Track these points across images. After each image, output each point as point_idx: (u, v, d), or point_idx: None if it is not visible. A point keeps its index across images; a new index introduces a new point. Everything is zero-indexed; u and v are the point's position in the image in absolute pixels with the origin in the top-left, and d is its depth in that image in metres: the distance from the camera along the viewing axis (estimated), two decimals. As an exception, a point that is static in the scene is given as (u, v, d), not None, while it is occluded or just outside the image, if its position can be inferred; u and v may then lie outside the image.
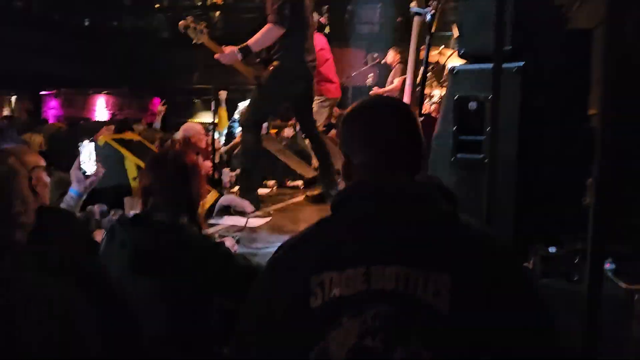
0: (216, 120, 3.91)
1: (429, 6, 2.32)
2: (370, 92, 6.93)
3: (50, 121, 14.28)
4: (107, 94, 14.78)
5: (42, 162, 2.12)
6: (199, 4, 10.05)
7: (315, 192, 4.08)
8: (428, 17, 2.29)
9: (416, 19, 2.35)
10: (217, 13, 10.01)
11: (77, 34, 9.65)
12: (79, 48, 9.56)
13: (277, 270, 1.12)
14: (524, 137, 2.29)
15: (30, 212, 1.45)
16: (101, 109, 15.29)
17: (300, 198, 4.19)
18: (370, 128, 1.17)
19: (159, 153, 1.91)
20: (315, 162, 5.72)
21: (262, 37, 3.51)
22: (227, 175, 4.72)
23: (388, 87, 6.69)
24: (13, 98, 14.23)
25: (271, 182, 4.71)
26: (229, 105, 7.13)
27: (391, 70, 6.81)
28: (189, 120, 13.09)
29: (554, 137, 2.60)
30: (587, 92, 3.01)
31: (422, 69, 2.55)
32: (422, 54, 2.79)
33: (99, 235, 2.31)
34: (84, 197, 2.33)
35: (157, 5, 10.47)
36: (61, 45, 9.29)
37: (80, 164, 2.28)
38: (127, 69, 10.35)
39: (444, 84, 4.54)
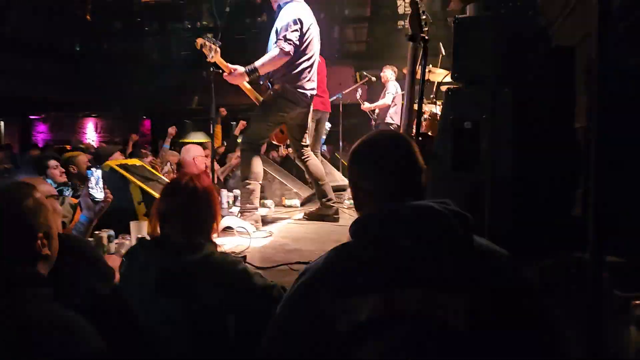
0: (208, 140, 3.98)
1: (423, 32, 2.42)
2: (362, 108, 7.07)
3: (40, 145, 14.31)
4: (96, 116, 14.83)
5: (54, 191, 2.19)
6: (189, 26, 10.17)
7: (313, 210, 4.15)
8: (422, 42, 2.40)
9: (411, 44, 2.46)
10: (209, 35, 10.12)
11: (67, 58, 9.68)
12: (69, 72, 9.59)
13: (303, 295, 1.18)
14: (518, 152, 2.40)
15: (54, 244, 1.49)
16: (91, 132, 15.34)
17: (298, 216, 4.26)
18: (378, 160, 1.27)
19: (174, 180, 1.97)
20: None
21: (269, 61, 3.60)
22: (226, 196, 4.78)
23: (379, 103, 6.83)
24: (1, 123, 14.20)
25: (269, 202, 4.77)
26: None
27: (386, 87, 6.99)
28: (180, 140, 13.19)
29: (545, 151, 2.71)
30: (573, 106, 3.15)
31: (418, 89, 2.65)
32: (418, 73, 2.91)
33: (109, 260, 2.36)
34: (94, 223, 2.40)
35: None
36: (51, 69, 9.31)
37: (89, 191, 2.34)
38: (117, 92, 10.40)
39: (437, 102, 4.66)
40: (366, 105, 6.95)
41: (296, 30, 3.57)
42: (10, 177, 3.35)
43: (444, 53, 5.17)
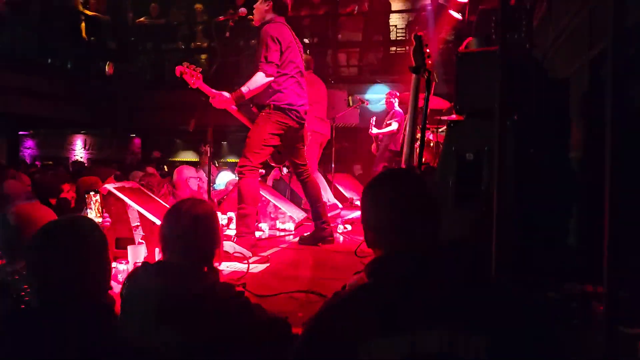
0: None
1: (426, 64, 2.46)
2: (370, 133, 7.11)
3: (27, 161, 14.16)
4: (85, 133, 14.73)
5: (55, 217, 2.15)
6: (183, 47, 10.21)
7: (308, 235, 4.14)
8: (425, 74, 2.44)
9: (414, 75, 2.49)
10: (203, 56, 10.18)
11: (58, 75, 9.65)
12: (60, 89, 9.55)
13: (322, 336, 1.17)
14: (520, 183, 2.42)
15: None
16: (79, 148, 15.21)
17: (294, 241, 4.24)
18: (393, 199, 1.28)
19: (175, 205, 1.96)
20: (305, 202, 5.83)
21: (253, 83, 3.62)
22: (220, 218, 4.75)
23: (386, 130, 6.89)
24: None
25: (263, 225, 4.75)
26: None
27: (387, 113, 7.07)
28: (170, 159, 13.14)
29: (544, 181, 2.75)
30: (568, 136, 3.21)
31: (420, 118, 2.68)
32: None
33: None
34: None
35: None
36: (42, 86, 9.27)
37: (87, 215, 2.31)
38: (108, 110, 10.36)
39: (431, 129, 4.72)
40: (374, 131, 7.01)
41: (276, 50, 3.60)
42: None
43: (436, 80, 5.25)
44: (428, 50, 2.48)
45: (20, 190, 3.84)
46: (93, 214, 2.23)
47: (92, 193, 2.27)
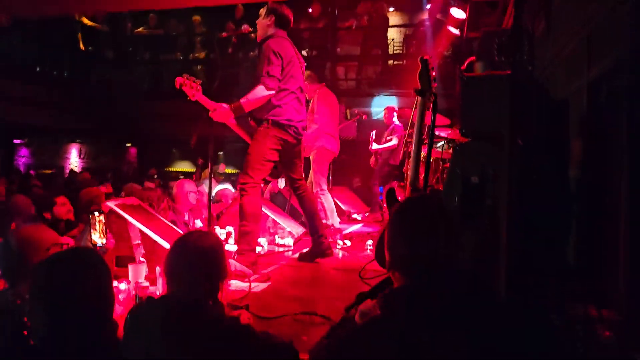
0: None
1: (432, 87, 2.47)
2: (371, 149, 7.10)
3: (21, 169, 14.08)
4: (80, 142, 14.66)
5: (59, 239, 2.14)
6: (181, 58, 10.22)
7: (306, 251, 4.13)
8: (432, 97, 2.45)
9: (419, 98, 2.50)
10: (199, 67, 10.19)
11: (56, 84, 9.63)
12: (57, 98, 9.53)
13: None
14: (525, 204, 2.43)
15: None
16: (74, 157, 15.13)
17: (293, 257, 4.23)
18: (418, 227, 1.30)
19: (181, 237, 1.91)
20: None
21: (253, 96, 3.62)
22: (219, 233, 4.73)
23: (387, 145, 6.90)
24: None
25: (261, 241, 4.73)
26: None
27: (387, 127, 7.09)
28: (166, 169, 13.10)
29: (547, 201, 2.76)
30: (568, 156, 3.24)
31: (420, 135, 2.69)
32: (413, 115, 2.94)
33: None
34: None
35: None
36: (39, 95, 9.24)
37: (91, 236, 2.29)
38: (105, 119, 10.34)
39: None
40: (375, 147, 7.02)
41: (277, 65, 3.61)
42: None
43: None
44: (434, 74, 2.49)
45: (25, 207, 3.83)
46: (97, 234, 2.21)
47: (96, 213, 2.25)
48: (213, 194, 5.73)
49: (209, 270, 1.80)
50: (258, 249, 4.54)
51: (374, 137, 7.02)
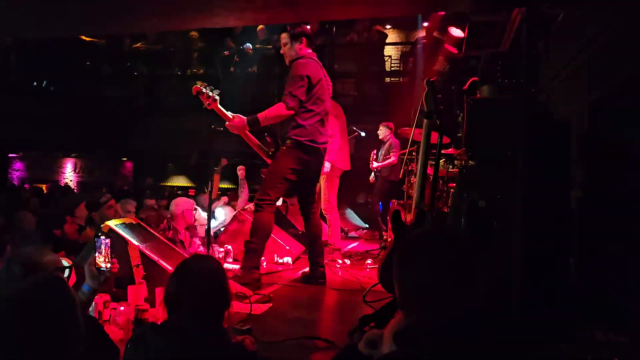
0: (209, 188, 3.92)
1: (438, 110, 2.47)
2: (372, 167, 7.05)
3: (15, 183, 13.97)
4: (76, 156, 14.58)
5: (61, 263, 2.09)
6: (179, 73, 10.22)
7: (304, 273, 4.07)
8: (438, 120, 2.44)
9: (425, 120, 2.50)
10: (198, 83, 10.18)
11: (52, 99, 9.61)
12: (53, 113, 9.49)
13: None
14: (531, 227, 2.42)
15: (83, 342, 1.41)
16: (69, 171, 15.04)
17: (293, 276, 4.18)
18: (429, 259, 1.28)
19: (183, 263, 1.84)
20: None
21: (272, 114, 3.63)
22: (217, 252, 4.69)
23: (386, 162, 6.88)
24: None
25: (262, 259, 4.69)
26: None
27: (384, 144, 7.06)
28: (162, 184, 13.03)
29: (550, 223, 2.75)
30: (570, 176, 3.24)
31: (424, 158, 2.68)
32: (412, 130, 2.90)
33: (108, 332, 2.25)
34: (97, 293, 2.29)
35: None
36: (35, 109, 9.20)
37: (95, 259, 2.24)
38: (101, 134, 10.30)
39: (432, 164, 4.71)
40: (375, 165, 7.00)
41: (302, 86, 3.60)
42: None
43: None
44: (440, 96, 2.48)
45: (27, 224, 3.79)
46: (102, 258, 2.16)
47: (102, 237, 2.19)
48: (219, 217, 5.69)
49: (214, 298, 1.75)
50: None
51: (374, 157, 7.00)
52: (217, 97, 3.70)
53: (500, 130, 2.26)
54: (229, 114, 3.74)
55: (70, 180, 14.46)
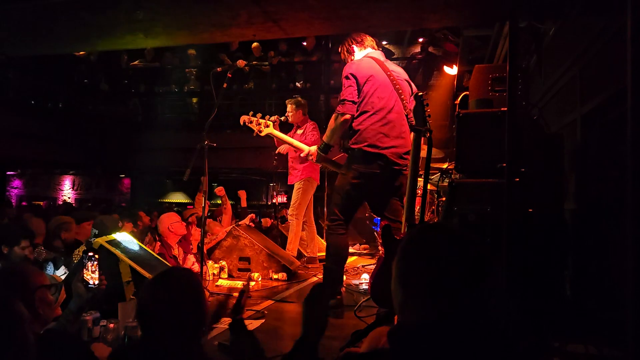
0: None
1: (427, 124, 2.47)
2: None
3: (13, 200, 13.95)
4: (74, 174, 14.61)
5: (47, 281, 2.07)
6: (176, 90, 10.27)
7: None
8: (427, 134, 2.44)
9: (413, 134, 2.50)
10: (194, 99, 10.24)
11: (50, 116, 9.64)
12: (50, 130, 9.51)
13: None
14: (525, 240, 2.41)
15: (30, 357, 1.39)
16: (67, 189, 15.05)
17: (288, 292, 4.15)
18: (433, 265, 1.18)
19: (161, 274, 1.75)
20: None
21: (331, 129, 3.30)
22: (211, 267, 4.66)
23: None
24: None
25: (256, 275, 4.66)
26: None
27: None
28: (159, 200, 13.02)
29: (544, 236, 2.75)
30: (563, 188, 3.24)
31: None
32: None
33: (96, 350, 2.22)
34: (85, 310, 2.27)
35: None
36: (33, 127, 9.23)
37: (84, 276, 2.23)
38: (99, 151, 10.32)
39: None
40: None
41: (350, 86, 3.23)
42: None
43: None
44: (428, 110, 2.49)
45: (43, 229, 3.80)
46: (90, 275, 2.15)
47: (90, 254, 2.18)
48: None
49: (192, 314, 1.63)
50: (252, 284, 4.47)
51: None
52: (270, 123, 3.63)
53: (490, 144, 2.26)
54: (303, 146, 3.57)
55: (69, 198, 14.47)
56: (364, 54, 3.49)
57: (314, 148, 3.50)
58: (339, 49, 3.70)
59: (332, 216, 3.34)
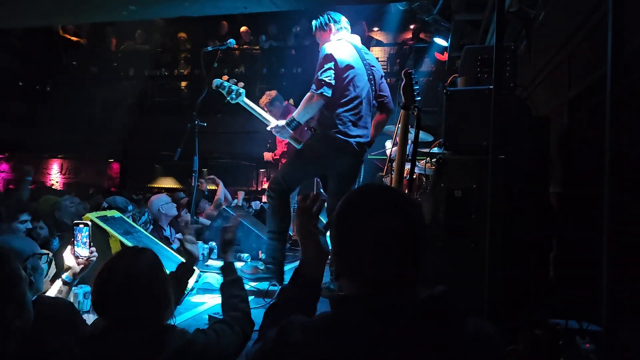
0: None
1: (416, 101, 2.50)
2: None
3: (0, 184, 13.80)
4: (62, 158, 14.47)
5: (37, 249, 2.09)
6: (166, 73, 10.21)
7: None
8: (415, 112, 2.47)
9: (402, 112, 2.53)
10: (183, 83, 10.19)
11: (38, 99, 9.56)
12: (39, 113, 9.43)
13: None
14: (508, 219, 2.45)
15: (27, 316, 1.42)
16: (55, 173, 14.92)
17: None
18: (370, 226, 1.08)
19: (110, 262, 1.61)
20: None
21: (304, 107, 3.24)
22: (201, 248, 4.68)
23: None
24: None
25: (245, 256, 4.69)
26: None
27: None
28: (149, 185, 12.97)
29: (528, 217, 2.80)
30: (548, 171, 3.29)
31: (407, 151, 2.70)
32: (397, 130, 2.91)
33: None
34: (76, 282, 2.29)
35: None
36: (20, 109, 9.15)
37: (75, 248, 2.25)
38: (88, 134, 10.25)
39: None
40: None
41: (329, 68, 3.17)
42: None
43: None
44: (417, 87, 2.51)
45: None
46: (80, 247, 2.17)
47: (82, 225, 2.20)
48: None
49: (142, 298, 1.53)
50: (240, 263, 4.50)
51: None
52: (243, 91, 3.59)
53: (476, 122, 2.29)
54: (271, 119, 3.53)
55: (57, 182, 14.35)
56: (341, 36, 3.46)
57: (282, 122, 3.39)
58: (312, 24, 3.64)
59: (277, 184, 3.32)
